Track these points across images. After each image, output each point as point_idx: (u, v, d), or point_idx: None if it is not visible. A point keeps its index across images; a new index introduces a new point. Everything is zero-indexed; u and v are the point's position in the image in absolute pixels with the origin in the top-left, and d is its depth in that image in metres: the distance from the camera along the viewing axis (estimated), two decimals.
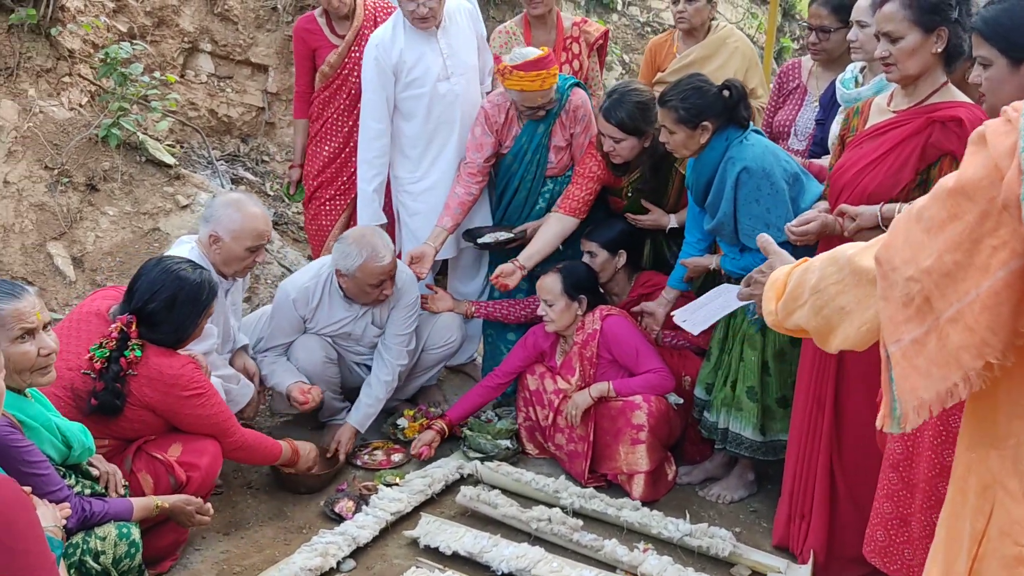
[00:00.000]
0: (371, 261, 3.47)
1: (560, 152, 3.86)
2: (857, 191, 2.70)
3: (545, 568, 2.82)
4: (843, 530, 2.94)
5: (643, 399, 3.42)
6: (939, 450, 2.30)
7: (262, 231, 3.26)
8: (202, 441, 2.88)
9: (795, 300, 1.51)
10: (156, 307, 2.74)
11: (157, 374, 2.74)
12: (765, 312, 1.62)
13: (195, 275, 2.83)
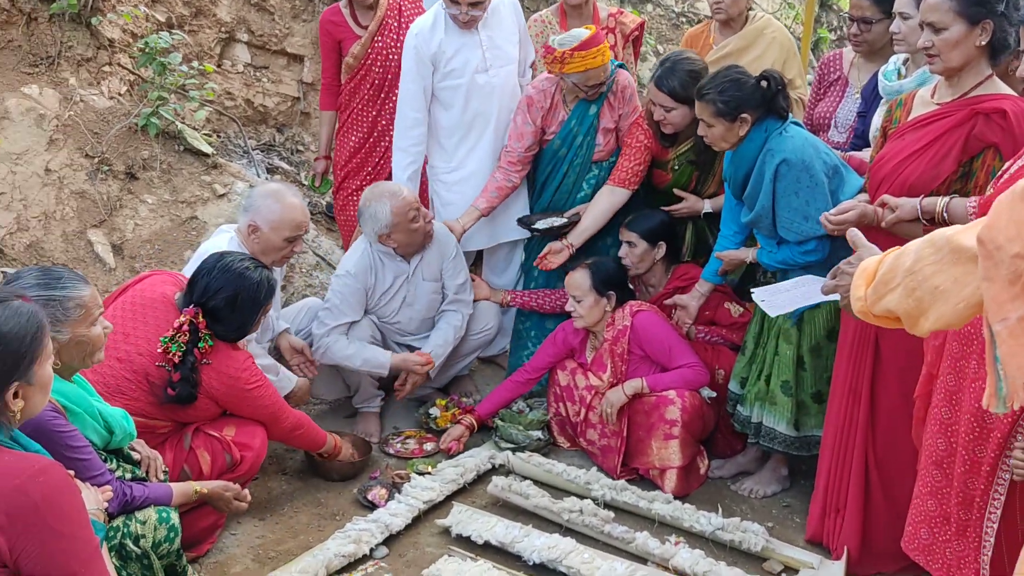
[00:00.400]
0: (393, 202, 3.55)
1: (608, 135, 3.84)
2: (898, 182, 2.68)
3: (576, 559, 2.83)
4: (877, 524, 2.93)
5: (677, 394, 3.41)
6: (971, 447, 2.28)
7: (300, 222, 3.30)
8: (253, 426, 3.01)
9: (886, 284, 1.52)
10: (217, 304, 2.83)
11: (226, 367, 2.86)
12: (854, 298, 1.64)
13: (256, 274, 2.90)
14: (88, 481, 2.18)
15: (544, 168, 3.94)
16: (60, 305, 2.20)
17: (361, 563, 2.88)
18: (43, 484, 1.64)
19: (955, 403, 2.34)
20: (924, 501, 2.49)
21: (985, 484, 2.26)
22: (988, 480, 2.25)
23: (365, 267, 3.70)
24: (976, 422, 2.26)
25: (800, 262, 3.09)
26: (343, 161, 4.35)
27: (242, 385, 2.90)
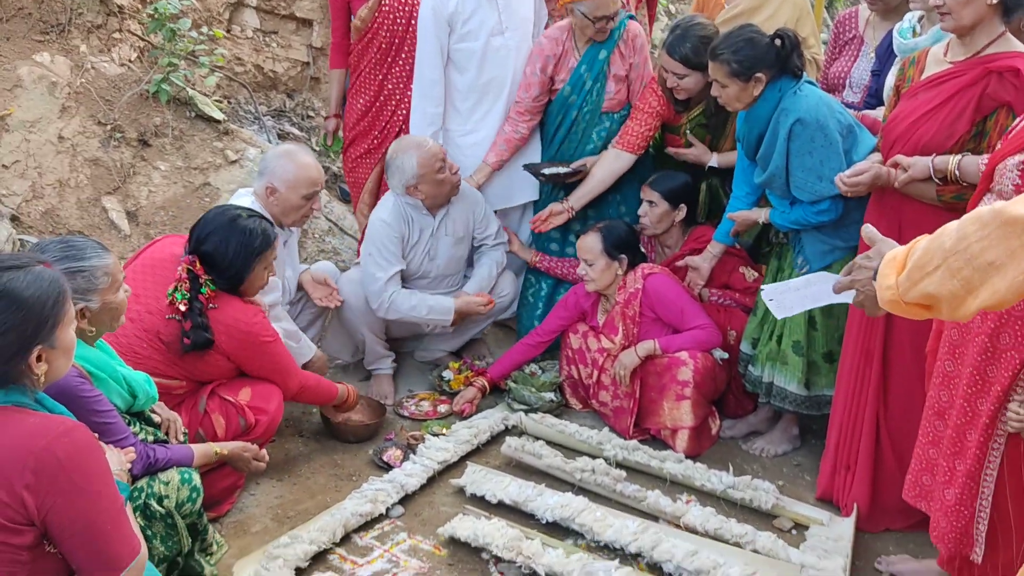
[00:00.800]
0: (420, 153, 3.59)
1: (619, 83, 3.83)
2: (911, 142, 2.67)
3: (589, 517, 2.87)
4: (887, 482, 2.97)
5: (689, 355, 3.43)
6: (972, 400, 2.31)
7: (315, 178, 3.34)
8: (269, 387, 3.03)
9: (922, 268, 1.49)
10: (209, 249, 2.85)
11: (233, 320, 2.87)
12: (882, 288, 1.59)
13: (249, 222, 2.91)
14: (113, 444, 2.23)
15: (554, 118, 3.93)
16: (90, 275, 2.24)
17: (378, 522, 2.94)
18: (68, 444, 1.68)
19: (958, 357, 2.37)
20: (925, 450, 2.53)
21: (983, 436, 2.29)
22: (987, 432, 2.28)
23: (398, 216, 3.75)
24: (978, 375, 2.28)
25: (813, 222, 3.09)
26: (352, 123, 4.36)
27: (252, 340, 2.92)
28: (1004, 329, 2.23)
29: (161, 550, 2.41)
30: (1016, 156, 2.19)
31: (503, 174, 4.03)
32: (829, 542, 2.81)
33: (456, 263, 3.95)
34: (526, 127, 3.91)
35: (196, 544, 2.57)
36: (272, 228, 2.99)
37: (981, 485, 2.34)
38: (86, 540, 1.72)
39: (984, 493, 2.34)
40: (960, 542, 2.41)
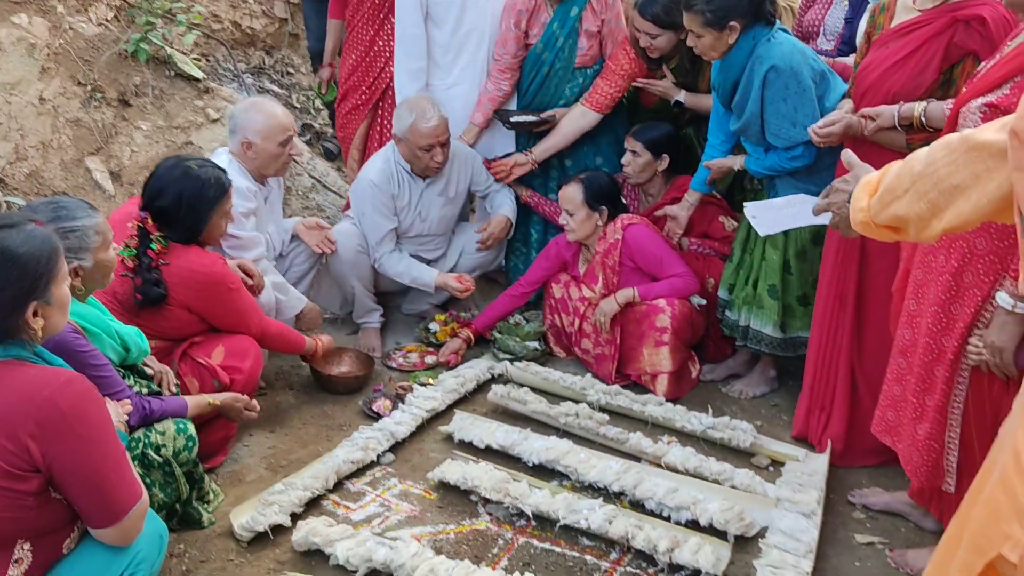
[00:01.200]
0: (418, 121, 3.63)
1: (591, 39, 3.86)
2: (882, 91, 2.74)
3: (573, 459, 2.97)
4: (861, 422, 3.07)
5: (666, 302, 3.52)
6: (936, 337, 2.40)
7: (286, 124, 3.38)
8: (243, 343, 3.03)
9: (893, 192, 1.55)
10: (164, 203, 2.83)
11: (187, 272, 2.85)
12: (855, 210, 1.65)
13: (201, 171, 2.88)
14: (109, 397, 2.30)
15: (528, 73, 3.97)
16: (83, 234, 2.28)
17: (369, 469, 3.03)
18: (70, 394, 1.75)
19: (921, 296, 2.46)
20: (891, 386, 2.63)
21: (949, 371, 2.39)
22: (952, 367, 2.38)
23: (387, 177, 3.80)
24: (942, 313, 2.37)
25: (787, 168, 3.16)
26: (344, 77, 4.36)
27: (209, 281, 2.89)
28: (967, 268, 2.31)
29: (160, 497, 2.50)
30: (978, 99, 2.26)
31: (486, 129, 4.09)
32: (804, 476, 2.92)
33: (447, 223, 4.02)
34: (508, 84, 3.95)
35: (194, 492, 2.66)
36: (225, 176, 2.96)
37: (949, 418, 2.45)
38: (89, 486, 1.80)
39: (952, 426, 2.45)
40: (932, 474, 2.52)
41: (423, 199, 3.88)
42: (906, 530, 2.80)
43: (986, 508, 1.41)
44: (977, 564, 1.38)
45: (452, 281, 3.85)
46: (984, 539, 1.38)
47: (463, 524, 2.77)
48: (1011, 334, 2.17)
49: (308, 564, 2.55)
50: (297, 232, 3.76)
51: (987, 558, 1.36)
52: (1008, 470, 1.37)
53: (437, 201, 3.91)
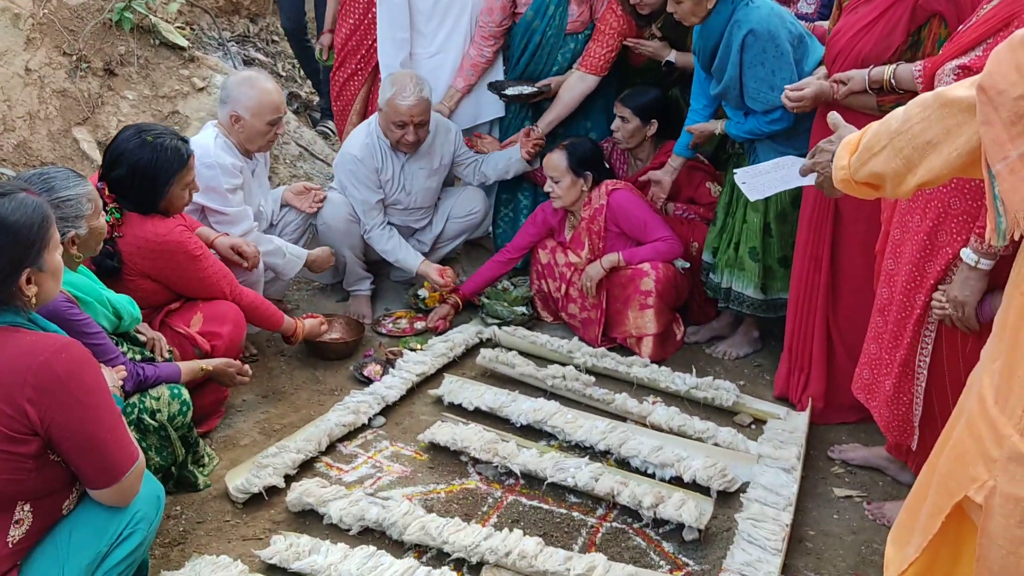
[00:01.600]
0: (396, 97, 3.64)
1: (581, 4, 3.87)
2: (852, 56, 2.78)
3: (560, 419, 3.04)
4: (840, 380, 3.15)
5: (651, 266, 3.57)
6: (910, 294, 2.46)
7: (278, 103, 3.39)
8: (222, 308, 3.03)
9: (871, 149, 1.60)
10: (120, 173, 2.81)
11: (143, 241, 2.82)
12: (836, 168, 1.70)
13: (158, 142, 2.84)
14: (104, 364, 2.34)
15: (519, 42, 3.98)
16: (76, 203, 2.31)
17: (361, 432, 3.10)
18: (66, 359, 1.79)
19: (898, 255, 2.51)
20: (869, 345, 2.70)
21: (916, 326, 2.45)
22: (919, 323, 2.45)
23: (370, 151, 3.82)
24: (916, 271, 2.43)
25: (766, 131, 3.20)
26: (340, 44, 4.35)
27: (168, 248, 2.85)
28: (942, 227, 2.36)
29: (157, 460, 2.56)
30: (952, 61, 2.30)
31: (469, 95, 4.10)
32: (785, 434, 3.00)
33: (430, 195, 4.04)
34: (491, 51, 3.96)
35: (189, 456, 2.72)
36: (186, 146, 2.91)
37: (916, 373, 2.51)
38: (87, 449, 1.84)
39: (919, 380, 2.51)
40: (902, 430, 2.60)
41: (406, 172, 3.91)
42: (884, 484, 2.88)
43: (953, 452, 1.47)
44: (946, 506, 1.45)
45: (434, 273, 3.86)
46: (953, 481, 1.45)
47: (453, 484, 2.84)
48: (973, 289, 2.23)
49: (302, 524, 2.61)
50: (286, 200, 3.79)
51: (955, 500, 1.43)
52: (974, 415, 1.44)
53: (420, 174, 3.94)
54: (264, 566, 2.40)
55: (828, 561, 2.53)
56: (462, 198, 4.13)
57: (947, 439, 1.58)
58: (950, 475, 1.46)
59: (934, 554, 1.53)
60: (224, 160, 3.29)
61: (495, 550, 2.38)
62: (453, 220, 4.14)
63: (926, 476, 1.64)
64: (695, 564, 2.50)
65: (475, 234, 4.37)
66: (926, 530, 1.51)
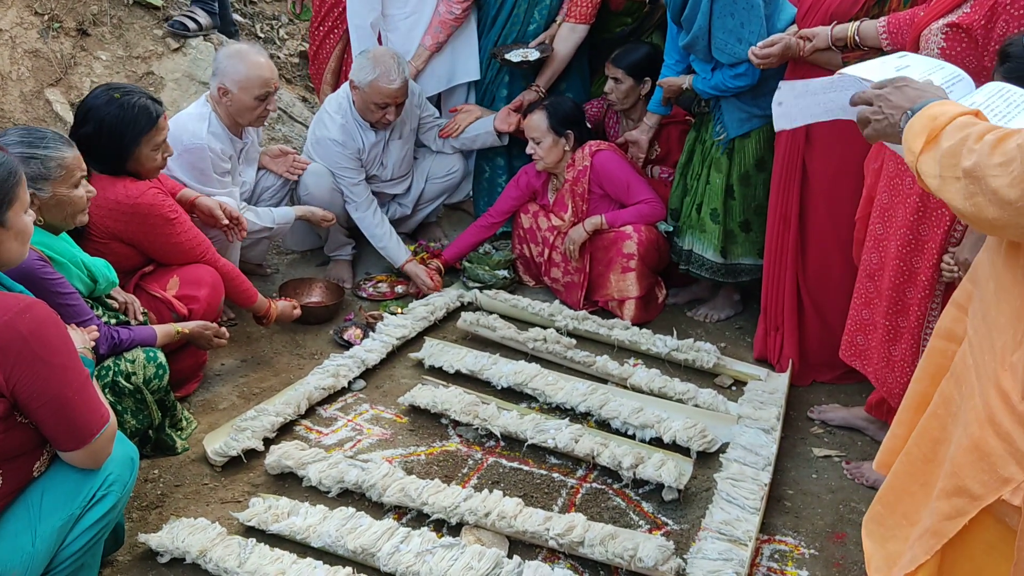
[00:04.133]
0: (381, 80, 3.58)
1: None
2: (821, 11, 2.78)
3: (541, 382, 3.04)
4: (812, 339, 3.18)
5: (633, 229, 3.55)
6: (907, 258, 2.45)
7: (267, 78, 3.30)
8: (199, 272, 2.96)
9: (942, 170, 1.37)
10: (87, 131, 2.73)
11: (113, 203, 2.75)
12: (907, 149, 1.45)
13: (125, 99, 2.76)
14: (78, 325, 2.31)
15: (493, 2, 3.93)
16: (41, 163, 2.26)
17: (341, 395, 3.08)
18: (30, 319, 1.75)
19: (888, 219, 2.50)
20: (859, 311, 2.69)
21: (924, 292, 2.44)
22: (927, 288, 2.43)
23: (348, 133, 3.75)
24: (911, 234, 2.42)
25: (731, 86, 3.16)
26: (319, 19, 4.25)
27: (139, 211, 2.78)
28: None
29: (133, 423, 2.53)
30: (940, 20, 2.27)
31: (443, 56, 4.02)
32: (765, 395, 3.01)
33: (406, 163, 4.00)
34: (460, 8, 3.89)
35: (167, 420, 2.69)
36: (156, 106, 2.82)
37: (922, 339, 2.51)
38: (54, 410, 1.81)
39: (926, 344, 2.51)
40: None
41: (385, 148, 3.86)
42: (862, 443, 2.90)
43: (974, 453, 1.38)
44: (969, 509, 1.38)
45: (423, 275, 3.78)
46: (977, 484, 1.36)
47: (433, 446, 2.83)
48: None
49: (281, 486, 2.60)
50: (263, 164, 3.72)
51: (984, 503, 1.35)
52: (996, 413, 1.36)
53: (395, 145, 3.89)
54: (243, 528, 2.39)
55: (807, 520, 2.55)
56: (439, 158, 4.10)
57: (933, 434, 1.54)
58: (972, 477, 1.38)
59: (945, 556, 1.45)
60: (213, 144, 3.23)
61: (475, 511, 2.38)
62: (432, 181, 4.10)
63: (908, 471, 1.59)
64: (674, 524, 2.51)
65: (455, 197, 4.33)
66: (938, 533, 1.43)
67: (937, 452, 1.54)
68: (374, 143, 3.81)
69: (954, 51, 2.23)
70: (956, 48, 2.23)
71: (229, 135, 3.36)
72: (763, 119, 3.20)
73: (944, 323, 1.64)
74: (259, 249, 3.69)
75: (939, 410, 1.56)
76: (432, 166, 4.09)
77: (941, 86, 1.58)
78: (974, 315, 1.51)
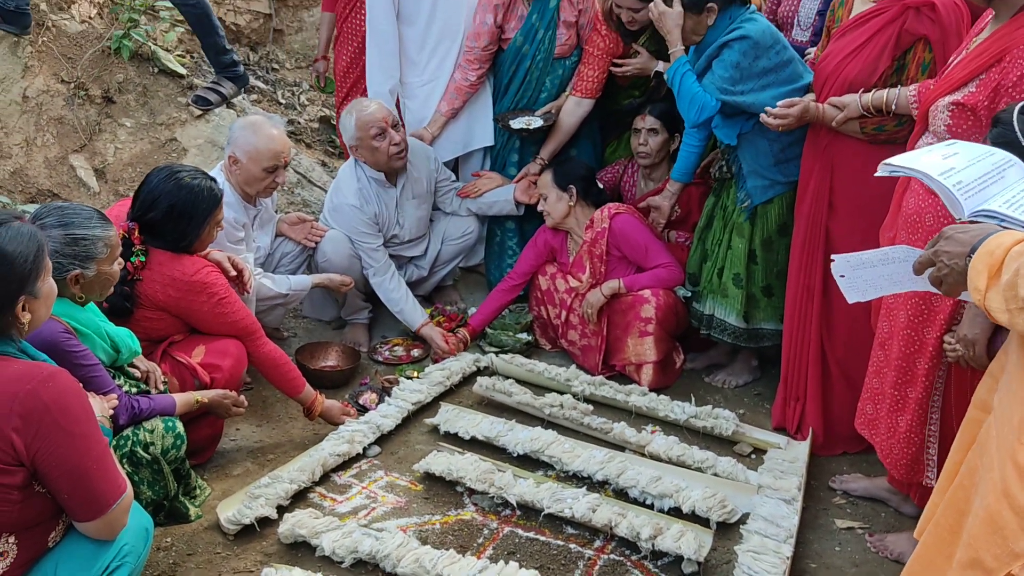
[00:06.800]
0: (361, 114, 3.64)
1: (569, 28, 3.89)
2: (840, 80, 2.80)
3: (557, 449, 3.00)
4: (839, 410, 3.12)
5: (651, 293, 3.55)
6: (916, 328, 2.43)
7: (278, 151, 3.34)
8: (225, 343, 2.98)
9: (1007, 302, 1.38)
10: (156, 215, 2.82)
11: (169, 279, 2.83)
12: (971, 288, 1.45)
13: (194, 183, 2.87)
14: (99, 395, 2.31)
15: (507, 67, 3.99)
16: (91, 244, 2.31)
17: (355, 461, 3.05)
18: (52, 388, 1.77)
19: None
20: (871, 380, 2.67)
21: (931, 364, 2.42)
22: (933, 360, 2.41)
23: (364, 196, 3.79)
24: (922, 304, 2.40)
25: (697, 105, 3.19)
26: (341, 75, 4.35)
27: (194, 287, 2.86)
28: None
29: (148, 494, 2.52)
30: (946, 97, 2.30)
31: (458, 122, 4.09)
32: (785, 463, 2.96)
33: (422, 224, 4.03)
34: (475, 75, 3.96)
35: (180, 487, 2.67)
36: (217, 186, 2.94)
37: (929, 411, 2.48)
38: (73, 480, 1.81)
39: (933, 419, 2.48)
40: (912, 468, 2.56)
41: (399, 207, 3.90)
42: (886, 515, 2.84)
43: (989, 525, 1.38)
44: None
45: (438, 338, 3.77)
46: (990, 556, 1.36)
47: (449, 515, 2.79)
48: (983, 327, 2.17)
49: (294, 556, 2.57)
50: (281, 231, 3.76)
51: None
52: (1012, 487, 1.35)
53: (410, 204, 3.93)
54: None
55: None
56: (454, 220, 4.13)
57: (958, 505, 1.52)
58: (986, 550, 1.37)
59: None
60: (227, 214, 3.26)
61: None
62: (448, 242, 4.13)
63: (935, 542, 1.56)
64: None
65: (471, 260, 4.35)
66: None
67: (961, 523, 1.52)
68: (390, 203, 3.85)
69: (960, 128, 2.26)
70: (962, 125, 2.26)
71: (243, 203, 3.40)
72: (786, 186, 3.21)
73: (980, 393, 1.63)
74: (275, 315, 3.70)
75: (965, 480, 1.54)
76: (448, 227, 4.12)
77: (992, 170, 1.60)
78: (1002, 386, 1.50)
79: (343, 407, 3.27)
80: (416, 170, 3.90)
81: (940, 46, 2.64)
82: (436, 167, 4.01)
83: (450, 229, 4.11)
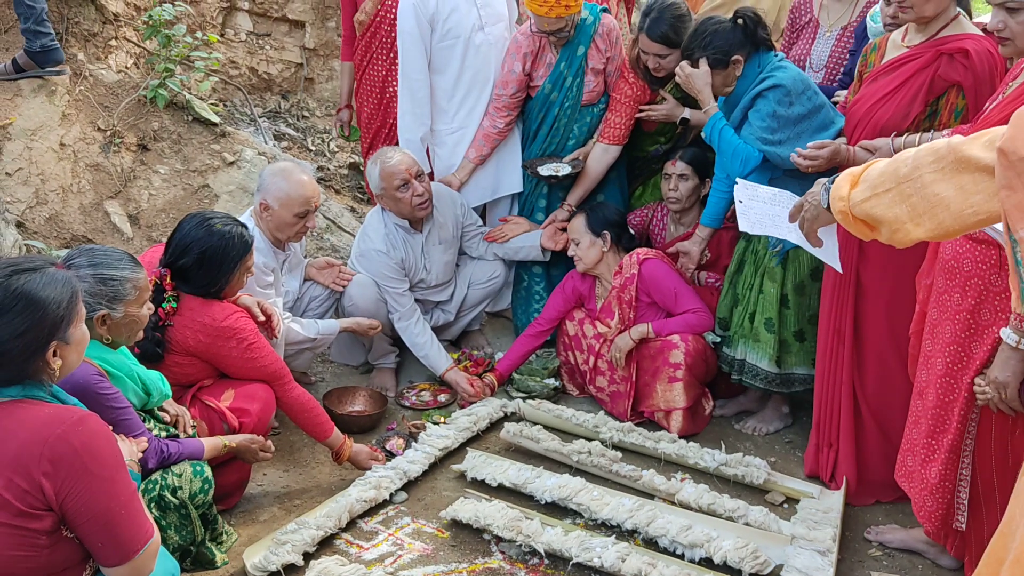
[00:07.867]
0: (385, 165, 3.68)
1: (597, 76, 3.93)
2: (871, 124, 2.79)
3: (586, 497, 2.96)
4: (872, 456, 3.06)
5: (680, 338, 3.52)
6: (955, 375, 2.38)
7: (308, 197, 3.38)
8: (253, 387, 3.00)
9: (875, 188, 1.54)
10: (187, 261, 2.86)
11: (199, 324, 2.86)
12: (835, 198, 1.64)
13: (225, 229, 2.90)
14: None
15: (536, 115, 4.02)
16: (120, 285, 2.34)
17: (382, 507, 3.03)
18: (82, 432, 1.77)
19: (935, 336, 2.44)
20: (909, 430, 2.62)
21: (963, 410, 2.37)
22: (966, 406, 2.36)
23: (391, 242, 3.82)
24: (961, 350, 2.36)
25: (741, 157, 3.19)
26: (366, 123, 4.41)
27: (222, 341, 2.89)
28: (984, 305, 2.30)
29: (176, 539, 2.51)
30: None
31: (487, 168, 4.12)
32: (819, 514, 2.90)
33: (448, 269, 4.05)
34: (503, 122, 4.00)
35: (207, 533, 2.66)
36: (248, 232, 2.98)
37: (961, 456, 2.42)
38: (101, 524, 1.80)
39: (964, 463, 2.42)
40: (945, 518, 2.50)
41: (425, 252, 3.92)
42: (923, 567, 2.77)
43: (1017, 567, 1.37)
44: None
45: (464, 383, 3.77)
46: None
47: (476, 563, 2.76)
48: (1015, 370, 2.14)
49: None
50: (309, 275, 3.78)
51: None
52: None
53: (437, 249, 3.95)
54: None
55: None
56: (481, 264, 4.14)
57: (998, 553, 1.48)
58: None
59: None
60: (257, 259, 3.29)
61: None
62: (475, 287, 4.13)
63: None
64: None
65: (497, 305, 4.36)
66: None
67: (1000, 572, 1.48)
68: (416, 248, 3.87)
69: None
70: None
71: (272, 248, 3.44)
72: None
73: None
74: (303, 359, 3.71)
75: (1005, 528, 1.51)
76: (474, 272, 4.13)
77: None
78: None
79: (371, 451, 3.25)
80: (442, 215, 3.93)
81: (973, 93, 2.63)
82: (463, 212, 4.03)
83: (476, 273, 4.12)
